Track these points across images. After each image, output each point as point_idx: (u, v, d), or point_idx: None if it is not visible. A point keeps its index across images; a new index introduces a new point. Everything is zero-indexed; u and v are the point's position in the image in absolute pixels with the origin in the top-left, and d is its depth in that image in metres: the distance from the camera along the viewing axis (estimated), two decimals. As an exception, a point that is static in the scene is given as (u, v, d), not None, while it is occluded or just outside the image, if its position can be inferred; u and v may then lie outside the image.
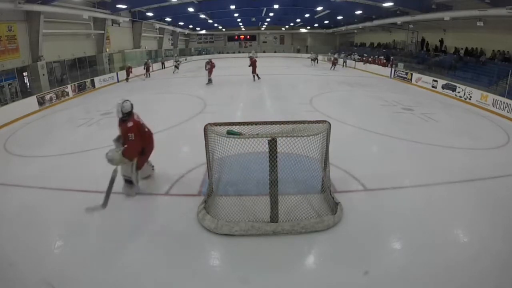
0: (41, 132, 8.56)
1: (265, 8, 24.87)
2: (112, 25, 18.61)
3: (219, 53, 38.79)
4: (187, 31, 35.93)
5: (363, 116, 9.40)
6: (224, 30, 39.52)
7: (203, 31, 38.75)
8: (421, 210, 4.26)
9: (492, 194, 4.70)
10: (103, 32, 17.46)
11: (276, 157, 3.67)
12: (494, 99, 10.42)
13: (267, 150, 3.67)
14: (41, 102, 11.27)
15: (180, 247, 3.54)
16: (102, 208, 3.85)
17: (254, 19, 30.55)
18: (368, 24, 23.10)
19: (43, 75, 12.71)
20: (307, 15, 26.72)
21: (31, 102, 10.89)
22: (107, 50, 18.50)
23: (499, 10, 11.47)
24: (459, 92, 12.50)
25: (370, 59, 22.83)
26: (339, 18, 26.09)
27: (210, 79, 15.74)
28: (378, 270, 3.15)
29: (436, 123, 8.78)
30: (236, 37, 41.66)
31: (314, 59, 26.93)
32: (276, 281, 3.04)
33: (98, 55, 17.68)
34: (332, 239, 3.66)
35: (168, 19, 25.73)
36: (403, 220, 4.04)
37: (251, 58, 17.06)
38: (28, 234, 3.77)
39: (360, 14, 20.70)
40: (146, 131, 4.65)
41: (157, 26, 26.23)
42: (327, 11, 22.89)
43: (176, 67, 22.54)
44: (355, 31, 30.60)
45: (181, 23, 29.87)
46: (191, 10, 21.06)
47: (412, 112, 9.99)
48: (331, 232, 3.74)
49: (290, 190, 4.24)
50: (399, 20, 18.80)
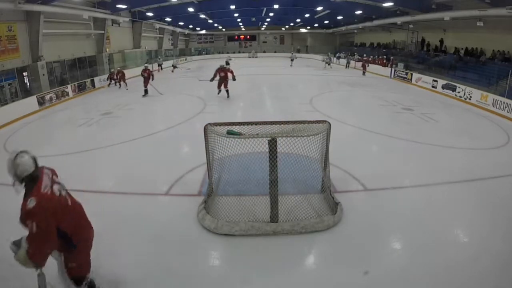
0: (41, 132, 8.56)
1: (265, 8, 24.88)
2: (112, 25, 18.61)
3: (219, 53, 38.79)
4: (187, 31, 35.93)
5: (363, 116, 9.40)
6: (224, 30, 39.52)
7: (203, 31, 38.74)
8: (421, 210, 4.26)
9: (492, 194, 4.70)
10: (103, 32, 17.46)
11: (276, 157, 3.67)
12: (494, 99, 10.42)
13: (267, 150, 3.67)
14: (41, 102, 11.27)
15: (180, 247, 3.54)
16: None
17: (254, 19, 30.57)
18: (368, 24, 23.11)
19: (43, 75, 12.71)
20: (307, 15, 26.73)
21: (31, 102, 10.89)
22: (107, 50, 18.50)
23: (499, 10, 11.47)
24: (459, 92, 12.50)
25: (370, 59, 22.83)
26: (339, 18, 26.09)
27: (146, 90, 12.97)
28: (378, 270, 3.15)
29: (436, 123, 8.78)
30: (236, 37, 41.67)
31: (328, 63, 23.91)
32: (276, 281, 3.04)
33: (98, 55, 17.68)
34: (332, 239, 3.66)
35: (168, 19, 25.73)
36: (403, 220, 4.04)
37: (223, 70, 11.71)
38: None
39: (360, 14, 20.71)
40: (68, 205, 2.47)
41: (157, 26, 26.23)
42: (327, 11, 22.90)
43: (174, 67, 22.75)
44: (355, 31, 30.60)
45: (181, 23, 29.86)
46: (191, 10, 21.06)
47: (412, 112, 9.99)
48: (331, 232, 3.74)
49: (290, 190, 4.24)
50: (399, 20, 18.80)
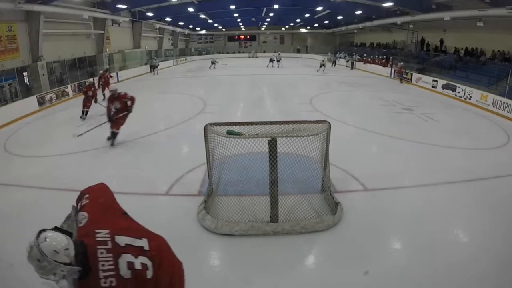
0: (41, 132, 8.55)
1: (265, 8, 24.88)
2: (112, 25, 18.61)
3: (219, 53, 38.79)
4: (187, 31, 35.92)
5: (363, 116, 9.39)
6: (224, 30, 39.51)
7: (203, 31, 38.74)
8: (421, 210, 4.26)
9: (492, 194, 4.70)
10: (103, 32, 17.45)
11: (276, 157, 3.67)
12: (494, 99, 10.41)
13: (267, 150, 3.67)
14: (41, 102, 11.26)
15: (180, 247, 3.52)
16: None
17: (254, 19, 30.57)
18: (368, 24, 23.11)
19: (43, 75, 12.70)
20: (307, 15, 26.72)
21: (31, 102, 10.88)
22: (107, 50, 18.49)
23: (499, 10, 11.47)
24: (459, 92, 12.50)
25: (370, 59, 22.84)
26: (339, 18, 26.09)
27: (85, 111, 9.40)
28: (378, 270, 3.15)
29: (436, 123, 8.78)
30: (236, 37, 41.67)
31: (324, 64, 21.08)
32: (276, 281, 3.04)
33: (98, 55, 17.67)
34: (332, 239, 3.66)
35: (168, 19, 25.73)
36: (403, 220, 4.04)
37: (116, 98, 6.86)
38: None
39: (360, 14, 20.70)
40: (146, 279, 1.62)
41: (157, 26, 26.22)
42: (327, 11, 22.90)
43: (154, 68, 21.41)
44: (355, 31, 30.59)
45: (181, 23, 29.87)
46: (191, 10, 21.06)
47: (412, 112, 9.99)
48: (331, 232, 3.74)
49: (290, 190, 4.24)
50: (399, 20, 18.80)
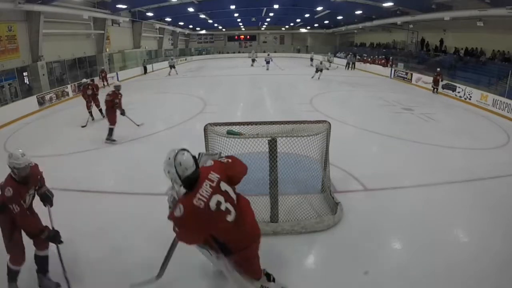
0: (41, 132, 8.56)
1: (265, 8, 24.86)
2: (112, 25, 18.61)
3: (219, 53, 38.81)
4: (187, 31, 35.92)
5: (363, 116, 9.39)
6: (224, 30, 39.50)
7: (203, 31, 38.74)
8: (421, 210, 4.26)
9: (492, 194, 4.70)
10: (103, 32, 17.45)
11: (276, 157, 3.67)
12: (494, 99, 10.42)
13: (267, 150, 3.67)
14: (41, 102, 11.27)
15: (180, 247, 3.53)
16: (156, 279, 2.80)
17: (254, 19, 30.53)
18: (368, 24, 23.08)
19: (43, 75, 12.71)
20: (307, 15, 26.70)
21: (31, 102, 10.88)
22: (107, 50, 18.49)
23: (499, 10, 11.47)
24: (459, 92, 12.50)
25: (370, 59, 22.84)
26: (339, 18, 26.07)
27: (90, 113, 8.99)
28: (378, 270, 3.15)
29: (436, 123, 8.78)
30: (236, 37, 41.64)
31: (319, 69, 17.02)
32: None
33: (98, 55, 17.67)
34: (332, 239, 3.66)
35: (168, 19, 25.72)
36: (403, 220, 4.04)
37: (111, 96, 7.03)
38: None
39: (360, 14, 20.70)
40: (226, 221, 2.13)
41: (157, 26, 26.22)
42: (327, 11, 22.88)
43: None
44: (355, 31, 30.57)
45: (181, 23, 29.86)
46: (191, 10, 21.05)
47: (412, 112, 9.99)
48: (331, 232, 3.74)
49: (290, 190, 4.24)
50: (399, 20, 18.79)
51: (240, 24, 35.20)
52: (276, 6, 22.10)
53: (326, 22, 30.61)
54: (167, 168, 2.07)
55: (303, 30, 38.44)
